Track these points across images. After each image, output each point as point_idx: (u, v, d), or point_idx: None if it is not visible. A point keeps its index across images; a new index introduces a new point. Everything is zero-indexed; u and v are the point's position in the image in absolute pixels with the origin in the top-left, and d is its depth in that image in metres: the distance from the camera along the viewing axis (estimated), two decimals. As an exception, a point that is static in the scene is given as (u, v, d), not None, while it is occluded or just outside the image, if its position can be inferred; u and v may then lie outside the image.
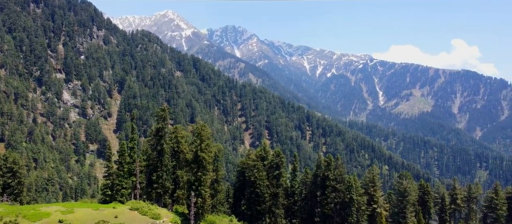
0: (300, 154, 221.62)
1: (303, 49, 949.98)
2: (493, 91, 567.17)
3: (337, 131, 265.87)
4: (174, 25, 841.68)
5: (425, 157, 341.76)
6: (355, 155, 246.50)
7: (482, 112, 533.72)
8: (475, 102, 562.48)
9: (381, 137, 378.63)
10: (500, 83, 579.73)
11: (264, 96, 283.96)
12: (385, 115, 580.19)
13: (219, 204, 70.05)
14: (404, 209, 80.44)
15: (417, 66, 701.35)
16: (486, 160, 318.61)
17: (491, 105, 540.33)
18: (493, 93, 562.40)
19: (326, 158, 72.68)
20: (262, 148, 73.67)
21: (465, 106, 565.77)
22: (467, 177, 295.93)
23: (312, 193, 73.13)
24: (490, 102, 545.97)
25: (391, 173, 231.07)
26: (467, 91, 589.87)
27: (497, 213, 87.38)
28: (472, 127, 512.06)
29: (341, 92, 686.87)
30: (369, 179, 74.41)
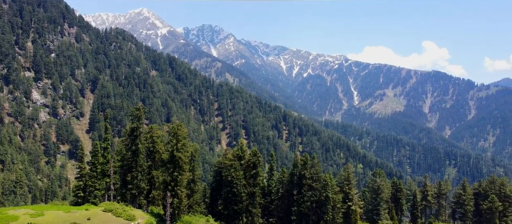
0: (277, 154, 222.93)
1: (280, 49, 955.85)
2: (461, 91, 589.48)
3: (313, 131, 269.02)
4: (149, 23, 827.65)
5: (398, 155, 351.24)
6: (330, 154, 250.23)
7: (451, 111, 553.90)
8: (445, 102, 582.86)
9: (356, 136, 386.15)
10: (467, 84, 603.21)
11: (241, 95, 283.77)
12: (359, 115, 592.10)
13: (196, 204, 69.48)
14: (378, 206, 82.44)
15: (390, 66, 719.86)
16: (455, 158, 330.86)
17: (459, 105, 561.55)
18: (461, 94, 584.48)
19: (302, 157, 73.38)
20: (239, 147, 73.58)
21: (435, 106, 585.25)
22: (437, 174, 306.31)
23: (288, 192, 73.68)
24: (458, 102, 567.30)
25: (365, 171, 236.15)
26: (437, 92, 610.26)
27: (465, 208, 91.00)
28: (441, 126, 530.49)
29: (317, 92, 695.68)
30: (344, 178, 75.72)
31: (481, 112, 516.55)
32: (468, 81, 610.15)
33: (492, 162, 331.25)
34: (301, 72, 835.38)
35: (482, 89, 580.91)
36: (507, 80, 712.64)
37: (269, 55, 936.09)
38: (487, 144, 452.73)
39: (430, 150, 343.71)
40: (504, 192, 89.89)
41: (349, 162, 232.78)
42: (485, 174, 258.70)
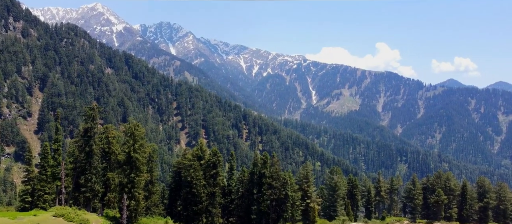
0: (237, 153, 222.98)
1: (240, 48, 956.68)
2: (411, 91, 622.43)
3: (273, 130, 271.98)
4: (103, 19, 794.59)
5: (354, 152, 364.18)
6: (290, 153, 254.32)
7: (402, 110, 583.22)
8: (396, 101, 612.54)
9: (314, 134, 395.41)
10: (417, 84, 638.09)
11: (201, 94, 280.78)
12: (317, 114, 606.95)
13: (154, 206, 67.92)
14: (335, 202, 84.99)
15: (346, 67, 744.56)
16: (406, 154, 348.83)
17: (409, 104, 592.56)
18: (411, 93, 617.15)
19: (262, 156, 73.93)
20: (198, 147, 72.77)
21: (388, 105, 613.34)
22: (390, 170, 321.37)
23: (248, 191, 73.97)
24: (409, 102, 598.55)
25: (323, 169, 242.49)
26: (390, 91, 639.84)
27: (415, 202, 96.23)
28: (394, 124, 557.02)
29: (276, 91, 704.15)
30: (303, 176, 77.23)
31: (429, 111, 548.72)
32: (417, 81, 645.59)
33: (438, 158, 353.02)
34: (260, 71, 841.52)
35: (430, 89, 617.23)
36: (451, 81, 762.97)
37: (229, 54, 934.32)
38: (434, 141, 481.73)
39: (383, 147, 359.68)
40: (449, 186, 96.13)
41: (308, 160, 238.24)
42: (433, 169, 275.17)
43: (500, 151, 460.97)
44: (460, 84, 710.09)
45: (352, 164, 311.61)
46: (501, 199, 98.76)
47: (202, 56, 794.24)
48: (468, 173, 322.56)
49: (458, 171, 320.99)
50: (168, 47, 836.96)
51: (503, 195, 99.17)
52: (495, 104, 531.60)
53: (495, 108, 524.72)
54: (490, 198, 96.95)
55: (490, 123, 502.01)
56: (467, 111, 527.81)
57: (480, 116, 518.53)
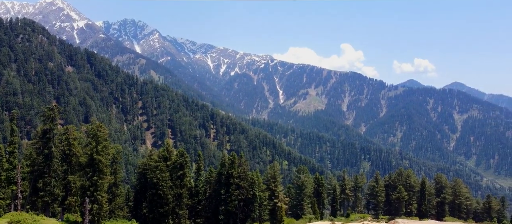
0: (205, 153, 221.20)
1: (207, 47, 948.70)
2: (374, 91, 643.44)
3: (240, 129, 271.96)
4: (64, 15, 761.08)
5: (320, 151, 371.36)
6: (257, 152, 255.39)
7: (366, 110, 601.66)
8: (360, 101, 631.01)
9: (281, 133, 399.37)
10: (379, 84, 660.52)
11: (167, 94, 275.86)
12: (285, 113, 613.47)
13: (118, 209, 65.98)
14: (302, 201, 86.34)
15: (313, 67, 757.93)
16: (369, 153, 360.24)
17: (372, 103, 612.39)
18: (374, 93, 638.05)
19: (230, 157, 73.77)
20: (165, 148, 71.51)
21: (352, 104, 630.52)
22: (354, 168, 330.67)
23: (216, 191, 73.57)
24: (372, 101, 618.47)
25: (290, 168, 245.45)
26: (354, 91, 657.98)
27: (377, 199, 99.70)
28: (358, 123, 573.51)
29: (244, 90, 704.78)
30: (270, 175, 77.81)
31: (390, 110, 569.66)
32: (380, 81, 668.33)
33: (399, 156, 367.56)
34: (228, 70, 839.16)
35: (392, 89, 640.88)
36: (412, 81, 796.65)
37: (196, 53, 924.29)
38: (396, 139, 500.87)
39: (348, 146, 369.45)
40: (409, 183, 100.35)
41: (275, 159, 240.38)
42: (394, 167, 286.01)
43: (455, 148, 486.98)
44: (420, 84, 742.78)
45: (318, 162, 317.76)
46: (457, 194, 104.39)
47: (169, 55, 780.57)
48: (427, 169, 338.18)
49: (417, 167, 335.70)
50: (133, 45, 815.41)
51: (458, 191, 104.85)
52: (451, 104, 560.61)
53: (451, 108, 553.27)
54: (446, 194, 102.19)
55: (446, 121, 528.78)
56: (425, 110, 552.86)
57: (438, 115, 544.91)
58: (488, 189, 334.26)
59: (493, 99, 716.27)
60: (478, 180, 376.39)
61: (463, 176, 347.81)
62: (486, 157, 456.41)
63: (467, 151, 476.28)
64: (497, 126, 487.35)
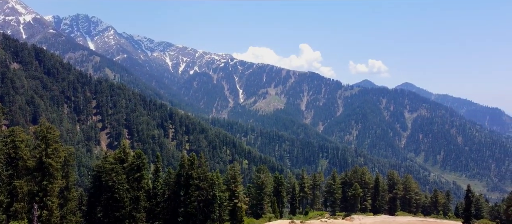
0: (163, 153, 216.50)
1: (165, 45, 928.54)
2: (332, 91, 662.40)
3: (200, 129, 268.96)
4: (8, 8, 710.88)
5: (279, 150, 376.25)
6: (217, 152, 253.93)
7: (323, 109, 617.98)
8: (318, 100, 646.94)
9: (241, 133, 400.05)
10: (336, 84, 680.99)
11: (123, 93, 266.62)
12: (245, 112, 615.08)
13: (70, 214, 62.75)
14: (262, 200, 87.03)
15: (272, 67, 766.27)
16: (327, 151, 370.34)
17: (330, 103, 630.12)
18: (331, 93, 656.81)
19: (189, 157, 72.77)
20: (121, 149, 69.08)
21: (310, 104, 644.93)
22: (312, 166, 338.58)
23: (175, 193, 72.29)
24: (329, 100, 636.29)
25: (250, 167, 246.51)
26: (312, 91, 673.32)
27: (334, 196, 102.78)
28: (316, 122, 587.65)
29: (203, 89, 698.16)
30: (231, 176, 77.68)
31: (347, 109, 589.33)
32: (337, 81, 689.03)
33: (355, 153, 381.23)
34: (187, 69, 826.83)
35: (348, 89, 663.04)
36: (366, 82, 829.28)
37: (154, 50, 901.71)
38: (352, 137, 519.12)
39: (306, 144, 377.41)
40: (364, 180, 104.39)
41: (235, 159, 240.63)
42: (350, 164, 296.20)
43: (406, 146, 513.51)
44: (374, 84, 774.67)
45: (278, 161, 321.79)
46: (407, 190, 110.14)
47: (125, 52, 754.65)
48: (380, 166, 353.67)
49: (372, 164, 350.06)
50: (86, 42, 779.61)
51: (409, 186, 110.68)
52: (402, 103, 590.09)
53: (402, 107, 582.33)
54: (398, 189, 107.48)
55: (398, 120, 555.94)
56: (379, 109, 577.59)
57: (390, 114, 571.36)
58: (435, 184, 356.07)
59: (440, 99, 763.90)
60: (426, 175, 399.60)
61: (413, 171, 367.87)
62: (433, 153, 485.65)
63: (416, 148, 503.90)
64: (443, 124, 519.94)
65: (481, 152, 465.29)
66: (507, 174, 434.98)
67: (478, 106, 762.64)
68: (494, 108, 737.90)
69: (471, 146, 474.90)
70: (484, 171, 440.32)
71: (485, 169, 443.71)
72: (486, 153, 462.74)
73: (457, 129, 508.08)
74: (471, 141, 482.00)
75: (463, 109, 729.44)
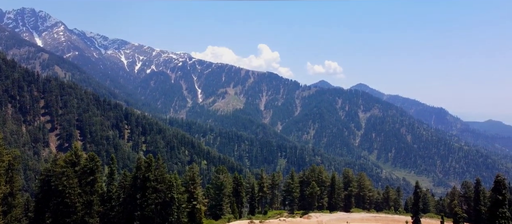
0: (118, 155, 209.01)
1: (120, 42, 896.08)
2: (290, 91, 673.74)
3: (157, 129, 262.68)
4: None
5: (239, 150, 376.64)
6: (175, 152, 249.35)
7: (282, 109, 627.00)
8: (277, 100, 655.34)
9: (200, 133, 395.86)
10: (294, 84, 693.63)
11: (75, 92, 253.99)
12: (203, 112, 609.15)
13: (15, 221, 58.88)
14: (221, 201, 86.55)
15: (231, 66, 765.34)
16: (285, 150, 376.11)
17: (288, 103, 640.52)
18: (290, 93, 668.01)
19: (146, 159, 70.76)
20: (72, 152, 65.71)
21: (269, 103, 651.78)
22: (271, 165, 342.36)
23: (131, 196, 69.99)
24: (288, 100, 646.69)
25: (209, 167, 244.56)
26: (271, 91, 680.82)
27: (293, 195, 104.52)
28: (274, 122, 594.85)
29: (161, 89, 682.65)
30: (189, 177, 76.53)
31: (304, 109, 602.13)
32: (295, 82, 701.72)
33: (312, 152, 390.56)
34: (144, 68, 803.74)
35: (305, 89, 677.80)
36: (323, 82, 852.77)
37: (108, 48, 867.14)
38: (309, 137, 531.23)
39: (265, 144, 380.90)
40: (321, 178, 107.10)
41: (194, 160, 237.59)
42: (308, 163, 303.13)
43: (360, 144, 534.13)
44: (330, 85, 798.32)
45: (237, 161, 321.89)
46: (361, 187, 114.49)
47: (76, 50, 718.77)
48: (336, 164, 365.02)
49: (328, 163, 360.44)
50: (33, 38, 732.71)
51: (363, 183, 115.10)
52: (357, 103, 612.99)
53: (356, 107, 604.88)
54: (353, 187, 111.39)
55: (352, 120, 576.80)
56: (335, 109, 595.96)
57: (345, 114, 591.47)
58: (387, 180, 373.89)
59: (391, 99, 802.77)
60: (379, 172, 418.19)
61: (367, 169, 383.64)
62: (385, 151, 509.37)
63: (369, 146, 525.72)
64: (394, 123, 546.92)
65: (428, 149, 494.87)
66: (451, 170, 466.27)
67: (425, 106, 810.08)
68: (439, 108, 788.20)
69: (419, 144, 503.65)
70: (430, 167, 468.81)
71: (431, 166, 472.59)
72: (432, 151, 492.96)
73: (407, 128, 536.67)
74: (419, 139, 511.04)
75: (412, 109, 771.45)
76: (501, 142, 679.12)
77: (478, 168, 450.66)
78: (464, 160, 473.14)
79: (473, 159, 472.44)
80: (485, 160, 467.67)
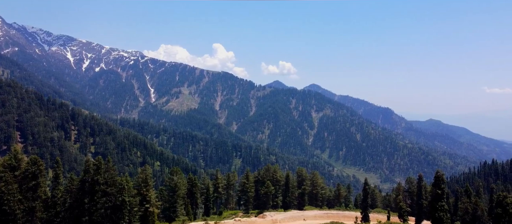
0: (64, 157, 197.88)
1: (66, 39, 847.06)
2: (245, 91, 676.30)
3: (107, 130, 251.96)
4: None
5: (193, 150, 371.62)
6: (127, 154, 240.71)
7: (237, 109, 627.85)
8: (232, 100, 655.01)
9: (153, 133, 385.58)
10: (249, 84, 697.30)
11: (14, 90, 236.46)
12: (156, 112, 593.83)
13: None
14: (175, 203, 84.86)
15: (185, 66, 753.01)
16: (240, 150, 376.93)
17: (243, 103, 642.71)
18: (245, 93, 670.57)
19: (95, 162, 67.57)
20: (12, 155, 61.16)
21: (224, 103, 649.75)
22: (226, 165, 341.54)
23: (78, 201, 66.51)
24: (243, 100, 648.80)
25: (162, 169, 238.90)
26: (226, 90, 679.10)
27: (248, 195, 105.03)
28: (230, 122, 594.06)
29: (111, 88, 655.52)
30: (141, 179, 74.19)
31: (259, 109, 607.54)
32: (250, 82, 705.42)
33: (267, 151, 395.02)
34: (92, 66, 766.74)
35: (260, 89, 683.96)
36: (277, 82, 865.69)
37: (52, 45, 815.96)
38: (264, 136, 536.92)
39: (220, 144, 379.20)
40: (276, 177, 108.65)
41: (147, 161, 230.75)
42: (263, 162, 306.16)
43: (313, 143, 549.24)
44: (284, 85, 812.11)
45: (192, 162, 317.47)
46: (314, 185, 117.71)
47: (16, 45, 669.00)
48: (290, 163, 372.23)
49: (282, 162, 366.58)
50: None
51: (316, 181, 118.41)
52: (310, 103, 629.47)
53: (309, 107, 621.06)
54: (306, 185, 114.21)
55: (306, 119, 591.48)
56: (289, 109, 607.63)
57: (299, 114, 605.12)
58: (338, 178, 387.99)
59: (342, 99, 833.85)
60: (331, 170, 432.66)
61: (319, 167, 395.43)
62: (336, 150, 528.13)
63: (322, 145, 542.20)
64: (345, 122, 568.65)
65: (375, 147, 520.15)
66: (396, 167, 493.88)
67: (373, 106, 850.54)
68: (385, 108, 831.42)
69: (368, 143, 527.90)
70: (378, 165, 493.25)
71: (378, 163, 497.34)
72: (380, 149, 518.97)
73: (356, 127, 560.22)
74: (367, 138, 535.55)
75: (361, 109, 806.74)
76: (440, 139, 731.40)
77: (420, 165, 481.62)
78: (408, 157, 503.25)
79: (416, 156, 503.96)
80: (426, 157, 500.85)
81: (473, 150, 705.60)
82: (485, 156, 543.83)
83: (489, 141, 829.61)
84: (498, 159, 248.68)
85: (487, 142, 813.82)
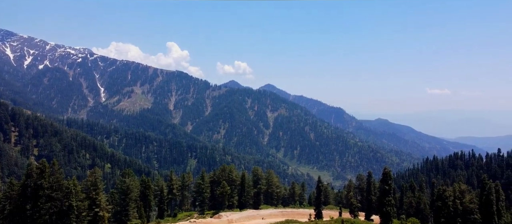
0: (3, 161, 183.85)
1: (5, 34, 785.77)
2: (200, 90, 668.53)
3: (52, 131, 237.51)
4: None
5: (146, 151, 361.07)
6: (74, 156, 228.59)
7: (192, 108, 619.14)
8: (187, 100, 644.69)
9: (104, 134, 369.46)
10: (205, 84, 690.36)
11: None
12: (107, 112, 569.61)
13: None
14: (127, 206, 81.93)
15: (138, 64, 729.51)
16: (195, 150, 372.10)
17: (198, 102, 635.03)
18: (200, 92, 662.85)
19: (39, 164, 63.43)
20: None
21: (179, 103, 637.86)
22: (181, 166, 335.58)
23: (19, 207, 62.07)
24: (198, 100, 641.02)
25: (114, 171, 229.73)
26: (181, 90, 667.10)
27: (203, 195, 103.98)
28: (185, 122, 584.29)
29: (57, 87, 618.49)
30: (90, 183, 70.76)
31: (215, 109, 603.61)
32: (205, 81, 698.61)
33: (223, 152, 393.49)
34: (35, 63, 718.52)
35: (216, 89, 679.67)
36: (233, 82, 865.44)
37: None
38: (220, 136, 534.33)
39: (175, 145, 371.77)
40: (231, 177, 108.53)
41: (97, 163, 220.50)
42: (219, 162, 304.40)
43: (268, 143, 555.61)
44: (240, 85, 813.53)
45: (145, 163, 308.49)
46: (270, 184, 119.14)
47: None
48: (246, 163, 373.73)
49: (238, 162, 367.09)
50: None
51: (271, 180, 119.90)
52: (265, 103, 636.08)
53: (265, 107, 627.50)
54: (262, 184, 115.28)
55: (261, 119, 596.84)
56: (245, 109, 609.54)
57: (255, 113, 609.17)
58: (293, 176, 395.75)
59: (296, 99, 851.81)
60: (286, 169, 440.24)
61: (274, 166, 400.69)
62: (291, 149, 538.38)
63: (277, 145, 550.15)
64: (299, 122, 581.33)
65: (328, 146, 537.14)
66: (348, 164, 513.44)
67: (326, 106, 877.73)
68: (337, 108, 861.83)
69: (321, 141, 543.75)
70: (330, 163, 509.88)
71: (331, 161, 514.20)
72: (332, 147, 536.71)
73: (310, 126, 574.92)
74: (321, 137, 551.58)
75: (315, 109, 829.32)
76: (387, 138, 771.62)
77: (369, 162, 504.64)
78: (358, 155, 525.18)
79: (366, 153, 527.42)
80: (375, 155, 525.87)
81: (417, 148, 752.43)
82: (427, 153, 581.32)
83: (431, 138, 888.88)
84: (438, 155, 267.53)
85: (429, 140, 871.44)
